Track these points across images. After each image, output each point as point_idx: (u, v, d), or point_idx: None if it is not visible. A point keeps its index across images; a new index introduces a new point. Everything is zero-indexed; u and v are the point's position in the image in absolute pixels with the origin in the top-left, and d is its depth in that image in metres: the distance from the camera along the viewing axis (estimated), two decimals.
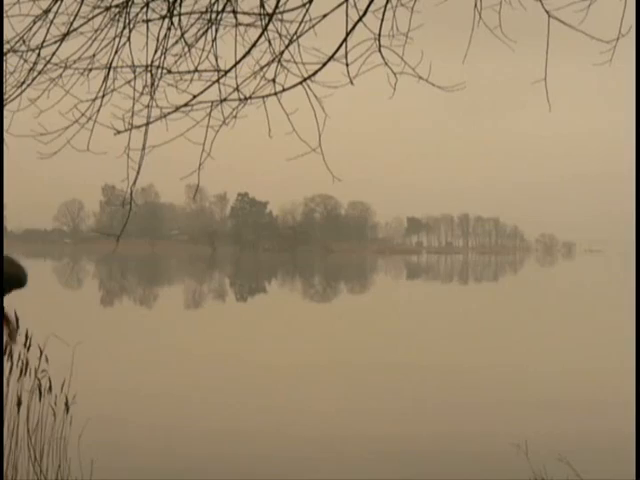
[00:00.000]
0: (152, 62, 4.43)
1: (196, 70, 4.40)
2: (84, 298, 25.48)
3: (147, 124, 4.31)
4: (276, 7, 4.25)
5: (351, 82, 4.20)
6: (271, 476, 5.50)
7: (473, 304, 25.07)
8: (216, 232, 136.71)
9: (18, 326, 4.78)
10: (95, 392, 7.23)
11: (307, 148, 4.16)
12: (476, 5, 4.11)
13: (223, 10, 4.38)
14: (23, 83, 4.44)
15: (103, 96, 4.43)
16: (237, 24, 4.38)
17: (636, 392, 2.82)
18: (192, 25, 4.43)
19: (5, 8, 4.32)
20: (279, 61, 4.32)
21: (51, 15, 4.37)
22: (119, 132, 4.30)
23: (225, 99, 4.35)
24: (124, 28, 4.42)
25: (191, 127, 4.24)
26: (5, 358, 4.69)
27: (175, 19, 4.41)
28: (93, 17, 4.38)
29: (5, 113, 4.43)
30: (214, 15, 4.39)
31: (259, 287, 36.73)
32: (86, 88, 4.40)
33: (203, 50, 4.43)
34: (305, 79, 4.24)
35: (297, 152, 4.29)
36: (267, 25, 4.29)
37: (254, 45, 4.33)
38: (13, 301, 5.11)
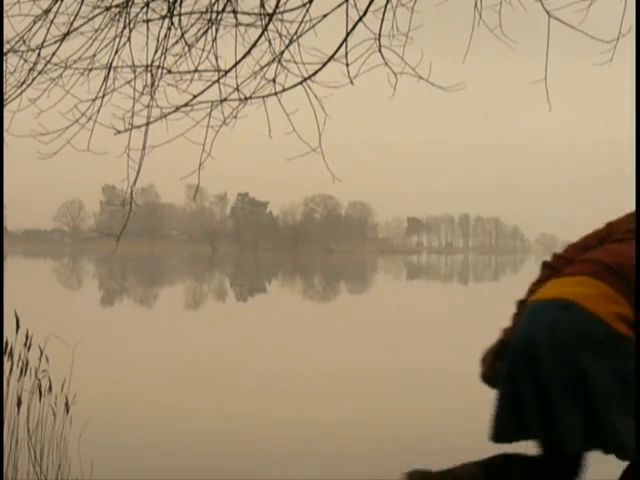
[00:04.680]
0: (152, 62, 4.44)
1: (196, 70, 4.41)
2: (84, 298, 25.46)
3: (147, 124, 4.32)
4: (276, 7, 4.26)
5: (351, 82, 4.21)
6: (271, 476, 5.50)
7: (473, 304, 25.07)
8: (216, 232, 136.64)
9: (18, 326, 4.79)
10: (95, 392, 7.23)
11: (307, 148, 4.17)
12: (476, 5, 4.12)
13: (223, 10, 4.39)
14: (23, 83, 4.45)
15: (103, 96, 4.44)
16: (237, 24, 4.39)
17: (636, 391, 2.82)
18: (192, 25, 4.44)
19: (5, 8, 4.32)
20: (279, 61, 4.33)
21: (51, 15, 4.38)
22: (119, 132, 4.31)
23: (225, 99, 4.36)
24: (124, 28, 4.43)
25: (191, 127, 4.24)
26: (5, 358, 4.69)
27: (175, 19, 4.42)
28: (93, 17, 4.39)
29: (5, 113, 4.44)
30: (214, 15, 4.39)
31: (259, 287, 36.73)
32: (86, 88, 4.42)
33: (203, 50, 4.44)
34: (305, 79, 4.25)
35: (297, 152, 4.29)
36: (267, 25, 4.29)
37: (254, 45, 4.34)
38: (13, 301, 5.11)
